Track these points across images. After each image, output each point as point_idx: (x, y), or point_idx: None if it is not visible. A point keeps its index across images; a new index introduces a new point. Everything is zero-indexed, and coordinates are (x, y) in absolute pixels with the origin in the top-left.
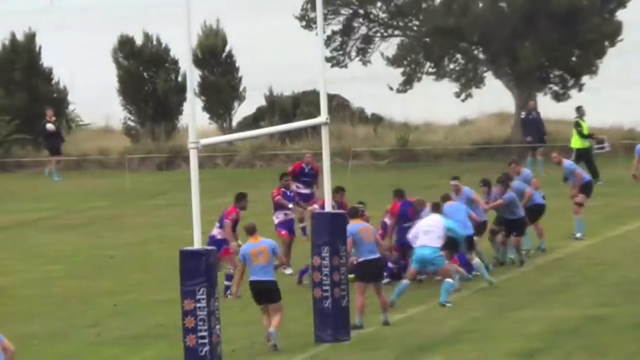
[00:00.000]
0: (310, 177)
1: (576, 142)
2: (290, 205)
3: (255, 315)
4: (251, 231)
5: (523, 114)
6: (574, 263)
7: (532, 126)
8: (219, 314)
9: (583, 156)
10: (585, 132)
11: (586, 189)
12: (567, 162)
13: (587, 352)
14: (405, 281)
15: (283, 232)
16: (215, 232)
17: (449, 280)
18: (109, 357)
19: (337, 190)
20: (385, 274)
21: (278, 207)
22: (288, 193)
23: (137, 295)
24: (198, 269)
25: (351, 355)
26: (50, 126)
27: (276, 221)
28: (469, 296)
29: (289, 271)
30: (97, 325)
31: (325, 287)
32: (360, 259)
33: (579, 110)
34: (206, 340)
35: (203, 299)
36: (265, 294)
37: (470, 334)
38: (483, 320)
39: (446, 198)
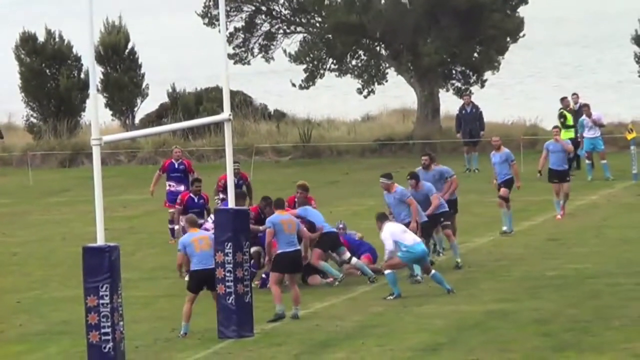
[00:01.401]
0: (181, 172)
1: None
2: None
3: (159, 312)
4: (193, 223)
5: (458, 110)
6: (477, 258)
7: (465, 121)
8: (122, 311)
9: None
10: (570, 122)
11: (509, 182)
12: (507, 150)
13: (490, 346)
14: (390, 271)
15: None
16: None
17: (434, 272)
18: (12, 355)
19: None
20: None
21: (185, 211)
22: (195, 200)
23: (41, 292)
24: (101, 266)
25: (255, 351)
26: None
27: (182, 224)
28: (372, 291)
29: None
30: (0, 323)
31: (229, 283)
32: (279, 251)
33: (563, 101)
34: (109, 337)
35: (106, 295)
36: (208, 281)
37: (374, 329)
38: (387, 316)
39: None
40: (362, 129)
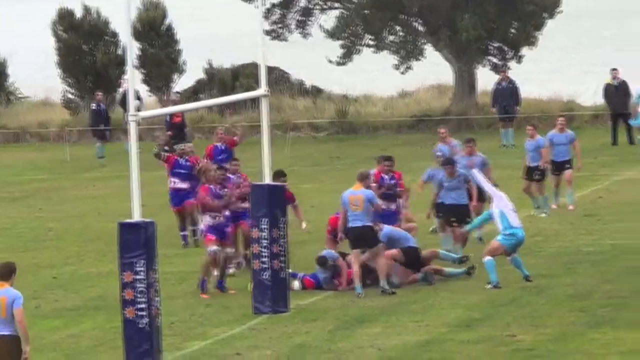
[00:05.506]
0: (227, 153)
1: None
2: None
3: (194, 288)
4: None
5: (494, 85)
6: None
7: (500, 97)
8: (158, 287)
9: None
10: None
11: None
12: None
13: (525, 322)
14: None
15: (213, 237)
16: None
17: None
18: (48, 329)
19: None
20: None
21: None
22: (214, 190)
23: (76, 267)
24: (137, 241)
25: (290, 327)
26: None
27: (204, 225)
28: None
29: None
30: (37, 298)
31: (264, 259)
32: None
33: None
34: (145, 313)
35: (142, 271)
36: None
37: (409, 305)
38: (422, 292)
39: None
40: (398, 104)
